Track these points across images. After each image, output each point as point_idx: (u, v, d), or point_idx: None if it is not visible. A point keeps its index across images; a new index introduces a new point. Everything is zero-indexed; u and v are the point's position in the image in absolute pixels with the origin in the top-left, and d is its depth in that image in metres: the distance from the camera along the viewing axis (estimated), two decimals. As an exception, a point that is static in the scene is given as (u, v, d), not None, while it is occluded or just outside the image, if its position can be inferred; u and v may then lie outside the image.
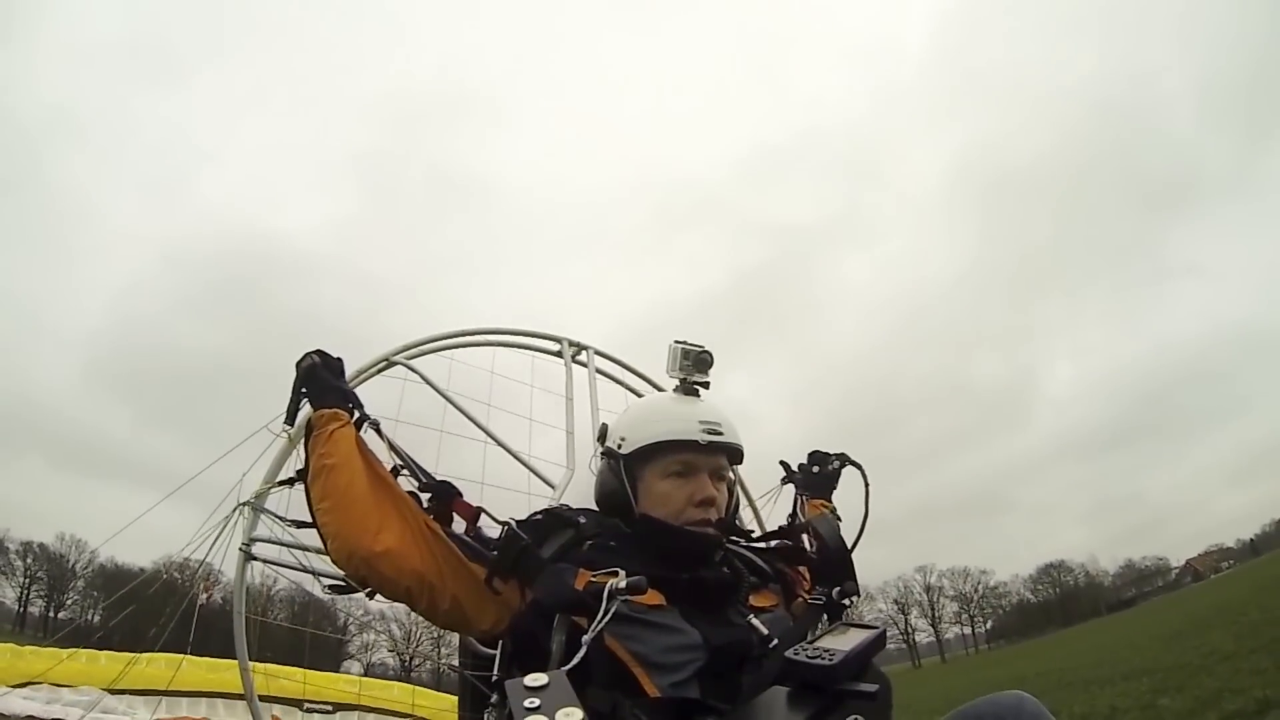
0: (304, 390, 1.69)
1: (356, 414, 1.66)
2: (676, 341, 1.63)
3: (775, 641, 1.34)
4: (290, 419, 1.77)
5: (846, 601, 1.55)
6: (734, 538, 1.62)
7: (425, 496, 1.61)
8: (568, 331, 3.44)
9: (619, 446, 1.56)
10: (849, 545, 1.69)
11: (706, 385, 1.63)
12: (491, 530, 1.54)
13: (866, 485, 1.92)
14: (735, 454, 1.58)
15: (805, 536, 1.74)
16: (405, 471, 1.67)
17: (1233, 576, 34.32)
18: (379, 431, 1.67)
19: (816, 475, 2.13)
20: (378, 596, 1.57)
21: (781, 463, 2.22)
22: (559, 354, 3.38)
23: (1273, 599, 10.93)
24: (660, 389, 3.15)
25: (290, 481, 1.84)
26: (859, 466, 2.04)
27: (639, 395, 3.29)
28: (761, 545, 1.72)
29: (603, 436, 1.66)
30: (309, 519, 1.59)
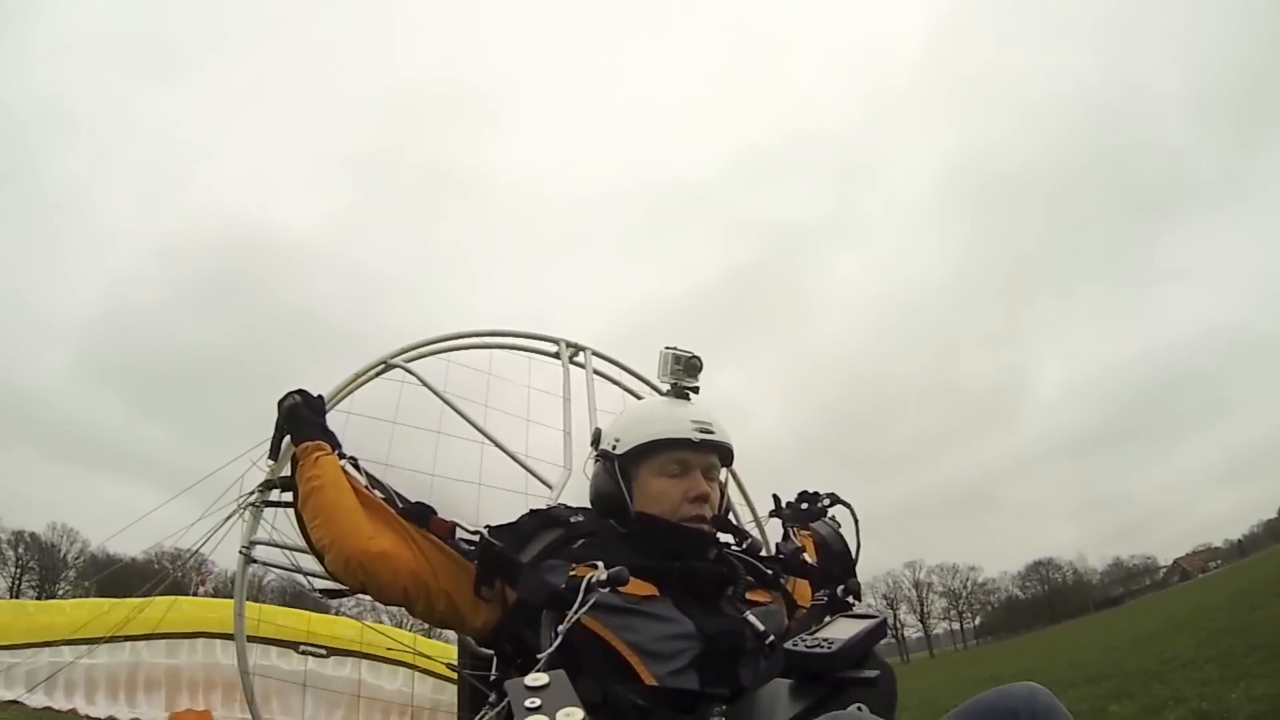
0: (286, 427, 1.77)
1: (336, 451, 1.72)
2: (667, 348, 1.69)
3: (771, 636, 1.37)
4: (274, 454, 1.84)
5: (850, 600, 1.58)
6: (733, 543, 1.66)
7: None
8: (560, 327, 3.47)
9: (613, 448, 1.61)
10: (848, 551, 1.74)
11: (696, 390, 1.69)
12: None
13: (856, 522, 1.97)
14: (726, 454, 1.62)
15: (804, 555, 1.79)
16: (382, 498, 1.69)
17: (1218, 577, 34.59)
18: (356, 465, 1.71)
19: (805, 512, 2.16)
20: (376, 606, 1.61)
21: (774, 496, 2.26)
22: (556, 355, 3.40)
23: (1243, 605, 10.96)
24: (658, 390, 3.17)
25: (272, 484, 1.88)
26: (849, 505, 2.09)
27: (637, 396, 3.32)
28: (763, 555, 1.75)
29: (596, 440, 1.70)
30: (306, 535, 1.64)
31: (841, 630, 1.18)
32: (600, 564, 1.32)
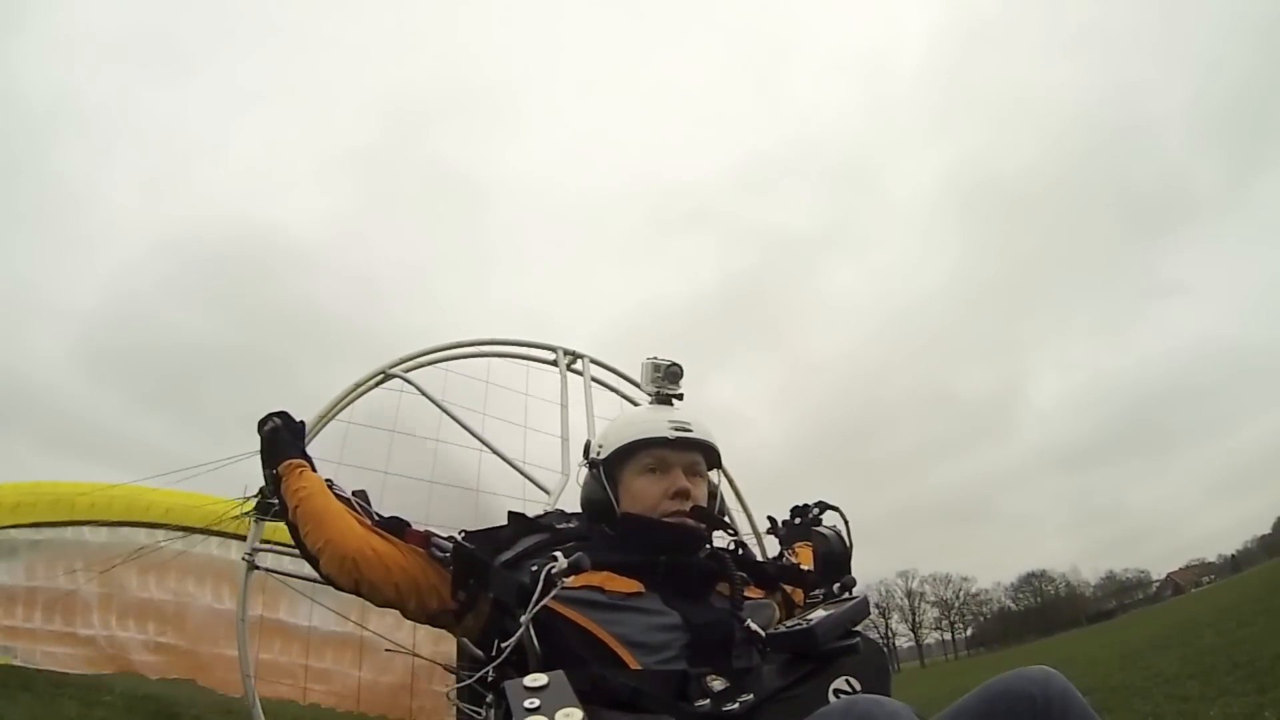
0: (265, 449, 1.81)
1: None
2: (649, 358, 1.75)
3: (763, 632, 1.38)
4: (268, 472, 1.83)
5: (846, 595, 1.60)
6: (731, 544, 1.70)
7: None
8: (559, 329, 3.56)
9: (598, 455, 1.66)
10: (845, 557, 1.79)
11: (680, 396, 1.74)
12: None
13: (847, 524, 2.02)
14: (709, 452, 1.65)
15: (800, 566, 1.84)
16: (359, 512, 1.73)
17: (1210, 593, 34.56)
18: (330, 487, 1.75)
19: (798, 526, 2.19)
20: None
21: (769, 518, 2.31)
22: (554, 363, 3.44)
23: (1231, 622, 10.85)
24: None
25: (263, 489, 1.90)
26: (837, 509, 2.13)
27: (634, 402, 3.36)
28: (760, 561, 1.79)
29: (586, 451, 1.75)
30: (300, 544, 1.67)
31: (822, 612, 1.24)
32: (559, 554, 1.35)
